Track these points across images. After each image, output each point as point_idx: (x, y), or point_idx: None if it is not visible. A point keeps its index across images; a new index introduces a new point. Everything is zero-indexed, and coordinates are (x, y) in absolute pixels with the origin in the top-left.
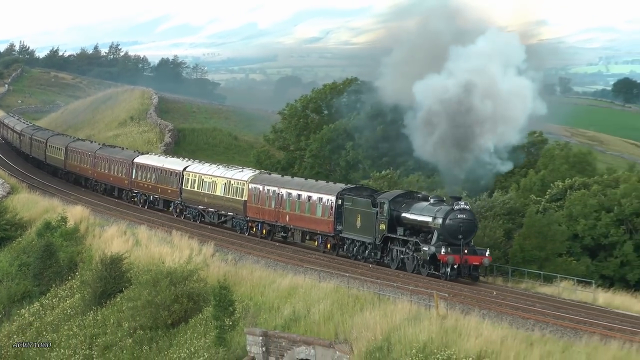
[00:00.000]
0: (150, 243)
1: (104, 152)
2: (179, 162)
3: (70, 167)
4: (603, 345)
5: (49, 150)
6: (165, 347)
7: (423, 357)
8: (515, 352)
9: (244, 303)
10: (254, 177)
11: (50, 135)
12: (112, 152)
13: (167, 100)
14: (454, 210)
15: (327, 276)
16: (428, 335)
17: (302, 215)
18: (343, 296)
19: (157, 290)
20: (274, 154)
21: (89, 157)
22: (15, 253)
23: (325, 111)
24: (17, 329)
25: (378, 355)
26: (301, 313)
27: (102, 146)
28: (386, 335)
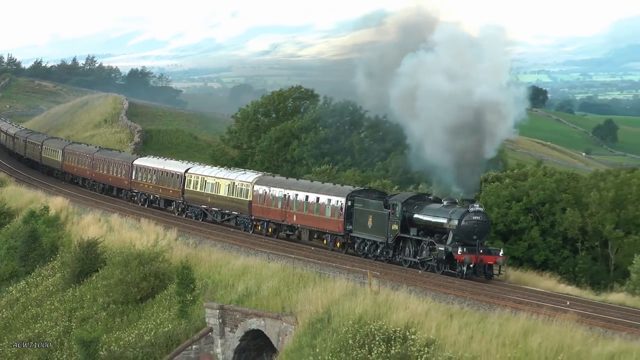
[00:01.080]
0: (121, 229)
1: (102, 155)
2: (180, 165)
3: (67, 167)
4: (513, 316)
5: (44, 152)
6: (134, 319)
7: (358, 327)
8: (437, 322)
9: (203, 281)
10: (258, 179)
11: (45, 138)
12: (110, 154)
13: (136, 105)
14: (469, 212)
15: (275, 257)
16: (363, 308)
17: (310, 215)
18: (289, 275)
19: (127, 269)
20: (228, 152)
21: (86, 159)
22: (4, 238)
23: (274, 114)
24: (5, 304)
25: (319, 326)
26: (253, 289)
27: (99, 149)
28: (326, 308)
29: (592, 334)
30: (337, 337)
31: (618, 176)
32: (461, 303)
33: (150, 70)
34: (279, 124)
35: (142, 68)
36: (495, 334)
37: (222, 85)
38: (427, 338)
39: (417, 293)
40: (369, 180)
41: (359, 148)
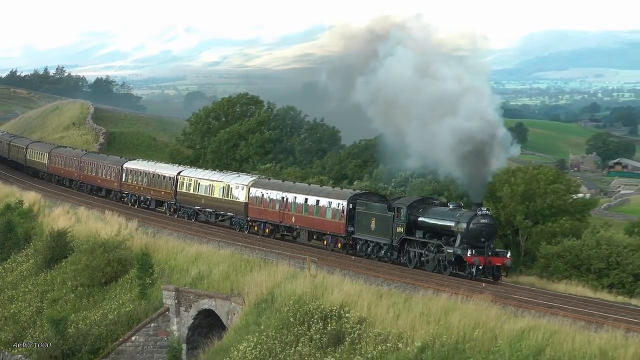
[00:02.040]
0: (88, 220)
1: (89, 158)
2: (171, 168)
3: (54, 170)
4: (435, 297)
5: (29, 155)
6: (99, 300)
7: (298, 306)
8: (368, 302)
9: (161, 266)
10: (254, 182)
11: (30, 142)
12: (98, 157)
13: (101, 110)
14: (477, 215)
15: (225, 245)
16: (302, 289)
17: (310, 217)
18: (237, 260)
19: (93, 256)
20: (183, 151)
21: (74, 162)
22: None
23: (223, 118)
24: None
25: (264, 305)
26: (205, 273)
27: (86, 152)
28: (270, 290)
29: (505, 312)
30: (279, 315)
31: (527, 172)
32: (389, 285)
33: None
34: (228, 127)
35: (106, 77)
36: (419, 312)
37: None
38: (360, 316)
39: (350, 276)
40: (307, 176)
41: (299, 148)
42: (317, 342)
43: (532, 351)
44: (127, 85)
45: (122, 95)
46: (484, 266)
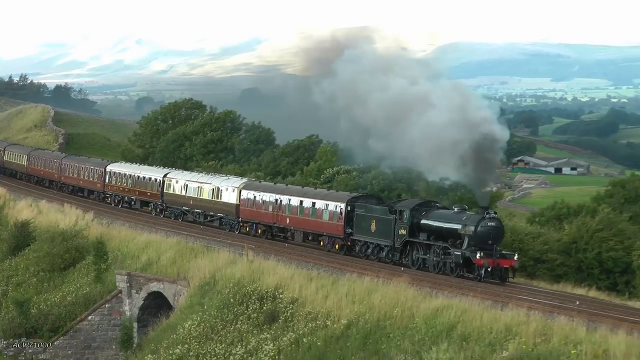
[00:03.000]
0: (49, 212)
1: (70, 160)
2: (157, 170)
3: (33, 171)
4: (359, 279)
5: (7, 157)
6: (59, 284)
7: (238, 288)
8: (300, 284)
9: (114, 253)
10: (245, 184)
11: (7, 144)
12: (79, 160)
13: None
14: (485, 218)
15: (172, 234)
16: (241, 273)
17: (305, 219)
18: (183, 248)
19: (53, 244)
20: (134, 151)
21: (54, 164)
22: None
23: (170, 121)
24: None
25: (207, 288)
26: (154, 259)
27: (67, 155)
28: (212, 274)
29: (421, 293)
30: (221, 296)
31: None
32: (318, 269)
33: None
34: (174, 129)
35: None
36: (345, 293)
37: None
38: (292, 297)
39: (284, 261)
40: (245, 172)
41: (238, 148)
42: (254, 320)
43: (445, 327)
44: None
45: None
46: (492, 268)
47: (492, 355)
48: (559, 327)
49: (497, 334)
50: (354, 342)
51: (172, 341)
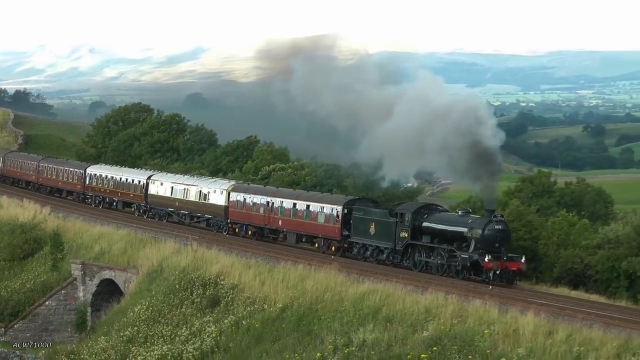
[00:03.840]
0: (9, 206)
1: (48, 162)
2: (141, 172)
3: (9, 172)
4: (293, 267)
5: None
6: (19, 272)
7: (183, 276)
8: (239, 272)
9: (70, 244)
10: (234, 186)
11: None
12: (57, 162)
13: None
14: (492, 221)
15: (122, 226)
16: (186, 262)
17: (299, 221)
18: (133, 239)
19: (13, 236)
20: (88, 150)
21: (31, 166)
22: None
23: (121, 123)
24: None
25: (154, 275)
26: (106, 249)
27: (44, 157)
28: (159, 262)
29: (350, 279)
30: (167, 283)
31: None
32: (256, 258)
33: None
34: (125, 130)
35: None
36: (280, 280)
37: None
38: (232, 283)
39: (225, 251)
40: (190, 170)
41: (183, 147)
42: (197, 305)
43: (371, 310)
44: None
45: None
46: (501, 271)
47: (414, 335)
48: (473, 309)
49: (418, 316)
50: (289, 324)
51: (123, 324)
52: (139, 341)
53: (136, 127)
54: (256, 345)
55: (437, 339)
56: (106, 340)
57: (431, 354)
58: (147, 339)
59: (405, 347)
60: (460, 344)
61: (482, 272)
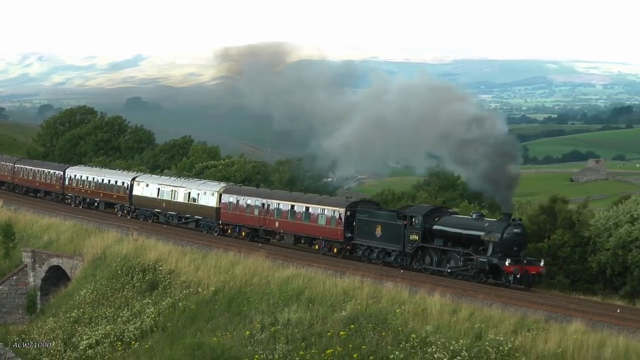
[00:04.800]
0: None
1: (23, 164)
2: (124, 174)
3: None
4: (225, 254)
5: None
6: None
7: (124, 262)
8: (176, 258)
9: (21, 233)
10: (226, 188)
11: None
12: (33, 163)
13: None
14: (510, 225)
15: (69, 217)
16: (127, 250)
17: (298, 223)
18: (79, 229)
19: None
20: (37, 149)
21: (6, 167)
22: None
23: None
24: None
25: (98, 262)
26: (54, 239)
27: (19, 159)
28: (103, 250)
29: (275, 265)
30: (110, 269)
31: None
32: (191, 245)
33: None
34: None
35: None
36: (213, 265)
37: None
38: (170, 269)
39: (163, 239)
40: (130, 167)
41: (124, 146)
42: (138, 289)
43: (295, 292)
44: None
45: None
46: (521, 275)
47: (333, 314)
48: (387, 291)
49: (337, 297)
50: (221, 305)
51: (70, 306)
52: (84, 322)
53: (81, 128)
54: (191, 324)
55: (354, 318)
56: (54, 321)
57: (349, 331)
58: (91, 319)
59: (326, 326)
60: (375, 322)
61: (502, 275)
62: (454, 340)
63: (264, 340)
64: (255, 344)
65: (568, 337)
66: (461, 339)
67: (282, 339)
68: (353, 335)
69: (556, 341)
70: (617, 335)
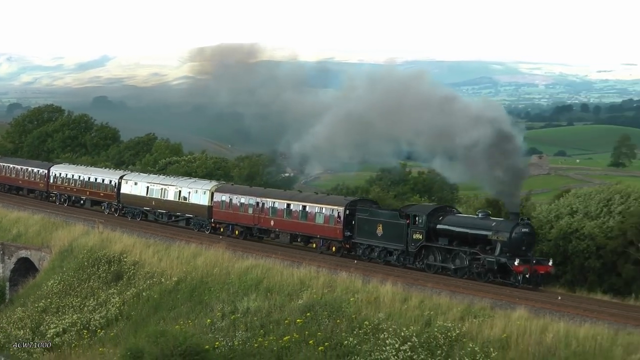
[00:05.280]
0: None
1: (5, 162)
2: (112, 172)
3: None
4: (187, 246)
5: None
6: None
7: (90, 254)
8: (140, 250)
9: None
10: (218, 187)
11: None
12: (16, 161)
13: None
14: (519, 224)
15: (38, 211)
16: (93, 242)
17: (294, 221)
18: (47, 222)
19: None
20: (6, 145)
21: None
22: None
23: (35, 122)
24: None
25: (65, 254)
26: (22, 232)
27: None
28: (70, 243)
29: (235, 256)
30: (76, 260)
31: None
32: (155, 238)
33: None
34: (39, 128)
35: None
36: (175, 256)
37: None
38: (134, 260)
39: (127, 232)
40: (96, 162)
41: (90, 143)
42: (103, 279)
43: (254, 282)
44: None
45: None
46: (530, 274)
47: (290, 303)
48: (341, 280)
49: (294, 287)
50: (183, 294)
51: (38, 296)
52: (52, 311)
53: (49, 126)
54: (155, 313)
55: (310, 306)
56: (23, 310)
57: (305, 319)
58: (59, 309)
59: (283, 313)
60: (330, 310)
61: (511, 275)
62: (405, 327)
63: (224, 327)
64: (216, 331)
65: (512, 323)
66: (412, 325)
67: (242, 326)
68: (309, 323)
69: (501, 327)
70: (558, 321)
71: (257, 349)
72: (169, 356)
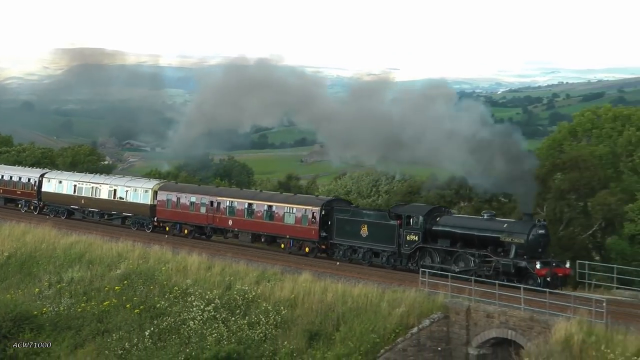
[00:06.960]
0: None
1: None
2: (30, 170)
3: None
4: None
5: None
6: None
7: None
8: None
9: None
10: (162, 185)
11: None
12: None
13: None
14: (536, 226)
15: None
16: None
17: (257, 221)
18: None
19: None
20: None
21: None
22: None
23: None
24: None
25: None
26: None
27: None
28: None
29: (61, 233)
30: None
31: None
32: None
33: None
34: None
35: None
36: (7, 234)
37: None
38: None
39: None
40: None
41: None
42: None
43: (77, 255)
44: None
45: None
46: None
47: (110, 272)
48: (154, 252)
49: (112, 259)
50: (14, 267)
51: None
52: None
53: None
54: None
55: (127, 275)
56: None
57: (122, 286)
58: None
59: (104, 282)
60: (145, 278)
61: (529, 277)
62: (209, 291)
63: (51, 295)
64: (44, 298)
65: (299, 285)
66: (215, 289)
67: (67, 294)
68: (126, 289)
69: (290, 289)
70: (337, 283)
71: (81, 313)
72: (1, 322)
